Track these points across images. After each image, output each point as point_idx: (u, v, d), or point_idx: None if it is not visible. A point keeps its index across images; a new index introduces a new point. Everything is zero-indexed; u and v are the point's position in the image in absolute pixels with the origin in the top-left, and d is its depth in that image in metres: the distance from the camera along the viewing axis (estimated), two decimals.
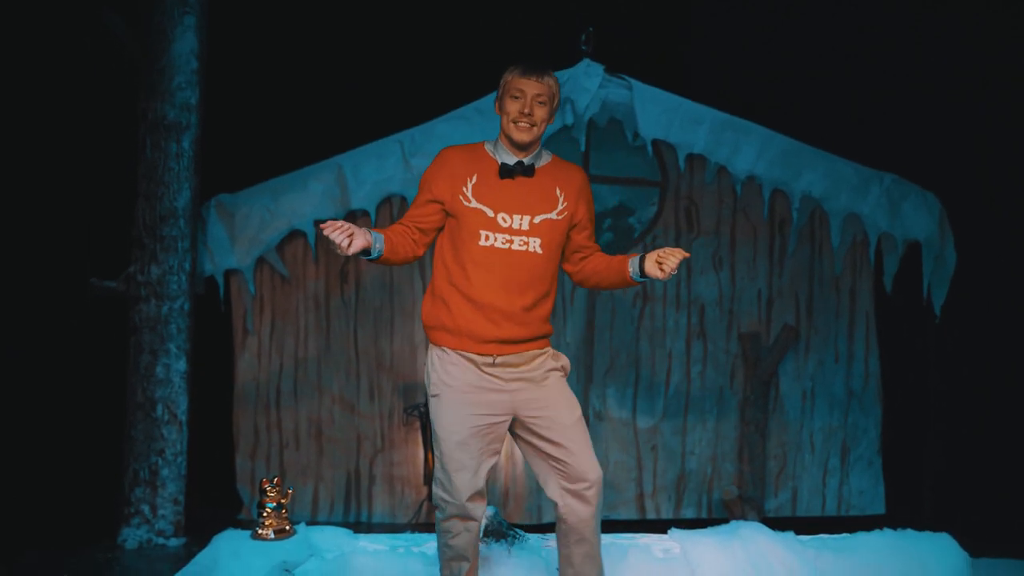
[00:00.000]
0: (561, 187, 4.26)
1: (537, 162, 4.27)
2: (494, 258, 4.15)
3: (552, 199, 4.23)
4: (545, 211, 4.20)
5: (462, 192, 4.18)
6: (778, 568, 4.74)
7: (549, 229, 4.21)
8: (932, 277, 7.46)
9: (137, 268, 6.56)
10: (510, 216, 4.16)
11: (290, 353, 7.34)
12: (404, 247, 4.22)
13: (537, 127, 4.17)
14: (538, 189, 4.22)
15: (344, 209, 7.13)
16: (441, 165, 4.25)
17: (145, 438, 6.54)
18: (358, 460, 7.37)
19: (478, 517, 4.17)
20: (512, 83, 4.18)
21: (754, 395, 7.47)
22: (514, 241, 4.16)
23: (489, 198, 4.18)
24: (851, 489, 7.67)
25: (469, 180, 4.19)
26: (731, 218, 7.57)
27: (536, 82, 4.16)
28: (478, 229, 4.16)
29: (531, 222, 4.18)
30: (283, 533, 4.90)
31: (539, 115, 4.16)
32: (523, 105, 4.14)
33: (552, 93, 4.20)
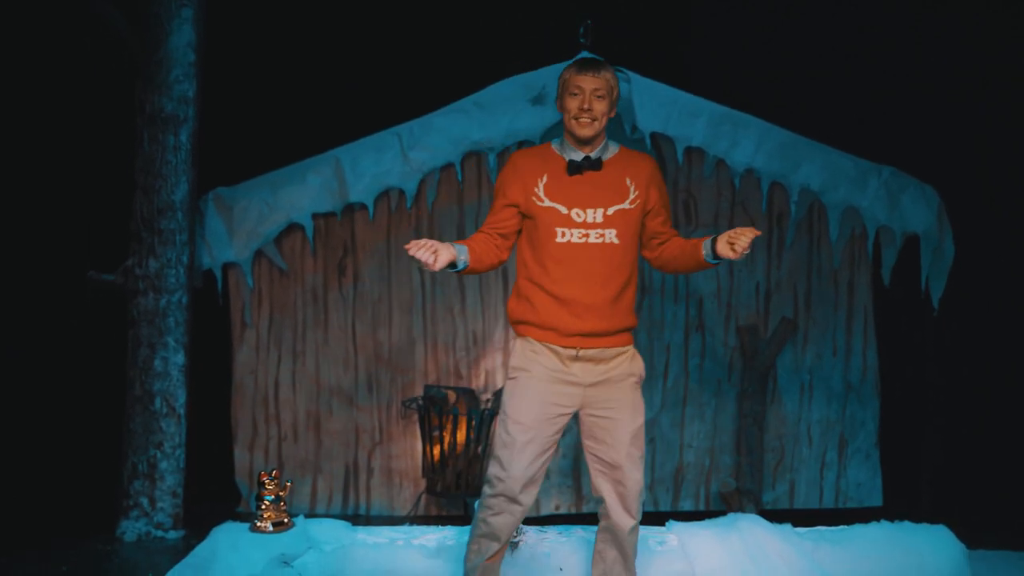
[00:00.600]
0: (631, 176, 4.31)
1: (604, 155, 4.32)
2: (573, 253, 4.22)
3: (623, 189, 4.28)
4: (617, 202, 4.26)
5: (535, 193, 4.25)
6: (776, 560, 4.75)
7: (623, 219, 4.26)
8: (930, 270, 7.46)
9: (135, 261, 6.56)
10: (584, 211, 4.23)
11: (288, 346, 7.35)
12: (488, 254, 4.28)
13: (598, 121, 4.22)
14: (608, 181, 4.28)
15: (342, 202, 7.13)
16: (512, 170, 4.32)
17: (144, 431, 6.55)
18: (356, 453, 7.38)
19: (526, 504, 4.22)
20: (570, 80, 4.24)
21: (752, 388, 7.48)
22: (590, 235, 4.22)
23: (561, 195, 4.24)
24: (848, 481, 7.68)
25: (540, 180, 4.26)
26: (729, 211, 7.57)
27: (593, 77, 4.21)
28: (554, 227, 4.23)
29: (605, 214, 4.24)
30: (281, 526, 4.91)
31: (599, 109, 4.21)
32: (582, 101, 4.19)
33: (610, 86, 4.25)
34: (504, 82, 7.19)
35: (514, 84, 7.18)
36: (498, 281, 7.42)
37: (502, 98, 7.16)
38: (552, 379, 4.23)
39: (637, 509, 4.24)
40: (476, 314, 7.42)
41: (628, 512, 4.22)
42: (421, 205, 7.35)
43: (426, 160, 7.17)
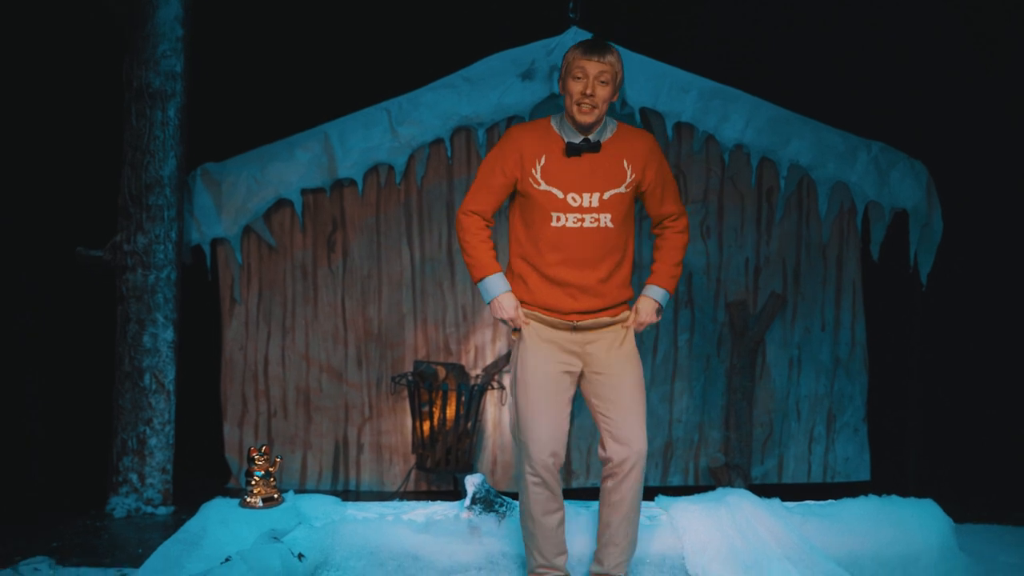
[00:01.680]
0: (628, 158, 4.32)
1: (603, 136, 4.32)
2: (567, 238, 4.28)
3: (620, 172, 4.30)
4: (614, 185, 4.29)
5: (531, 175, 4.26)
6: (764, 534, 4.77)
7: (619, 202, 4.30)
8: (919, 245, 7.48)
9: (123, 237, 6.54)
10: (580, 195, 4.26)
11: (277, 322, 7.34)
12: (491, 246, 4.40)
13: (599, 108, 4.22)
14: (605, 164, 4.29)
15: (331, 178, 7.11)
16: (513, 145, 4.31)
17: (133, 407, 6.54)
18: (346, 429, 7.39)
19: (557, 465, 4.32)
20: (573, 63, 4.23)
21: (741, 363, 7.49)
22: (585, 219, 4.27)
23: (558, 179, 4.26)
24: (837, 456, 7.71)
25: (538, 161, 4.26)
26: (719, 186, 7.57)
27: (597, 62, 4.19)
28: (550, 211, 4.27)
29: (601, 199, 4.27)
30: (271, 501, 4.92)
31: (601, 95, 4.20)
32: (585, 85, 4.18)
33: (615, 71, 4.24)
34: (493, 57, 7.16)
35: (503, 59, 7.15)
36: None
37: (491, 73, 7.14)
38: (551, 342, 4.34)
39: (635, 464, 4.31)
40: (466, 290, 7.42)
41: (627, 470, 4.31)
42: (410, 181, 7.33)
43: (415, 135, 7.15)
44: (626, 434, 4.31)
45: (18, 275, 6.84)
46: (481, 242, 4.35)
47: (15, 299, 6.82)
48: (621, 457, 4.30)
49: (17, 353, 6.81)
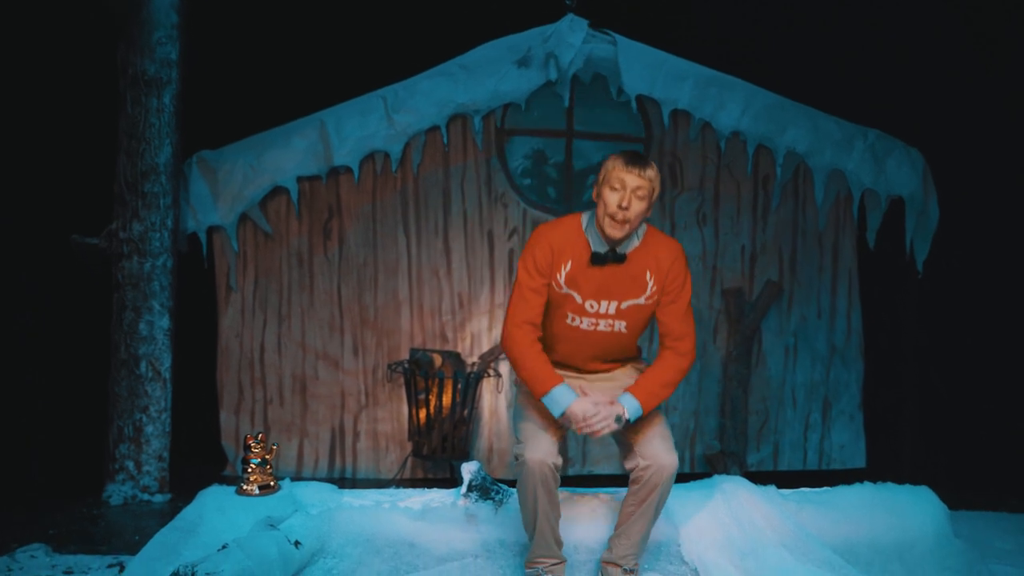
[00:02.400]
0: (652, 270, 4.36)
1: (630, 245, 4.35)
2: (579, 335, 4.41)
3: (641, 284, 4.35)
4: (633, 296, 4.35)
5: (555, 279, 4.32)
6: (760, 522, 4.78)
7: (636, 312, 4.39)
8: (915, 233, 7.49)
9: (119, 225, 6.53)
10: (598, 303, 4.34)
11: (274, 310, 7.34)
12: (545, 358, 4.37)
13: (631, 223, 4.23)
14: (628, 274, 4.33)
15: (327, 165, 7.10)
16: (547, 249, 4.33)
17: (129, 395, 6.54)
18: (342, 416, 7.39)
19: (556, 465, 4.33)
20: (613, 173, 4.24)
21: (737, 351, 7.50)
22: (599, 324, 4.38)
23: (579, 285, 4.32)
24: (832, 443, 7.73)
25: (564, 266, 4.31)
26: (715, 174, 7.57)
27: (638, 176, 4.21)
28: (566, 311, 4.37)
29: (618, 307, 4.35)
30: (268, 489, 4.92)
31: (636, 209, 4.22)
32: (622, 198, 4.20)
33: (653, 187, 4.26)
34: (489, 44, 7.15)
35: (499, 46, 7.14)
36: (483, 244, 7.41)
37: (487, 60, 7.13)
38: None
39: (657, 475, 4.32)
40: (462, 277, 7.42)
41: (651, 478, 4.33)
42: (406, 168, 7.32)
43: (411, 123, 7.15)
44: (651, 452, 4.35)
45: (13, 263, 6.82)
46: (536, 355, 4.33)
47: (10, 287, 6.81)
48: (647, 470, 4.33)
49: (12, 341, 6.80)
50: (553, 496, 4.32)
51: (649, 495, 4.35)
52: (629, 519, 4.45)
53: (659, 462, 4.30)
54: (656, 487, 4.33)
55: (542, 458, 4.23)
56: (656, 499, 4.37)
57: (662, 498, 4.39)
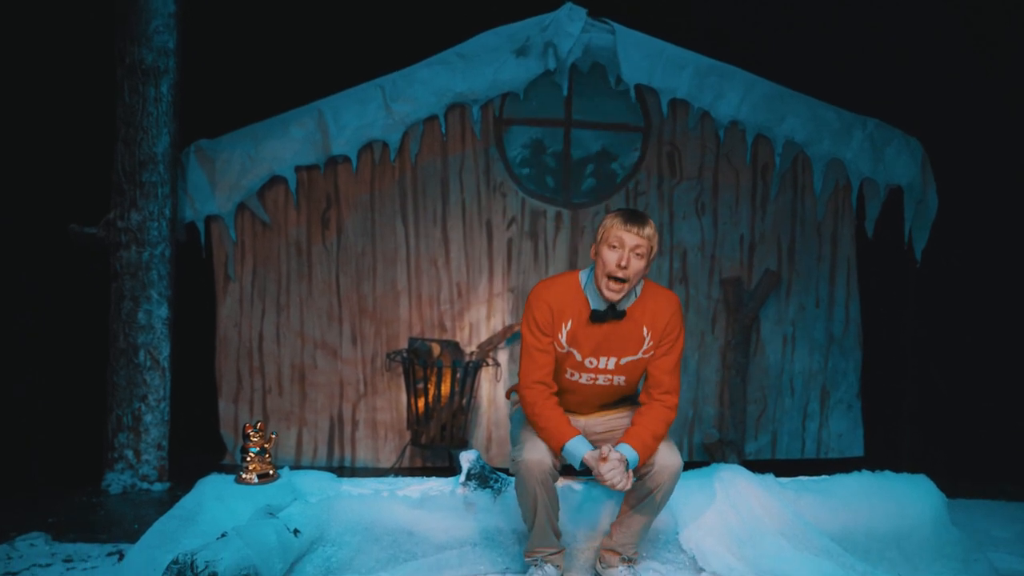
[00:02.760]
0: (649, 325, 4.41)
1: (627, 302, 4.39)
2: (579, 388, 4.49)
3: (639, 340, 4.41)
4: (631, 352, 4.42)
5: (557, 338, 4.38)
6: (757, 509, 4.79)
7: (634, 367, 4.47)
8: (914, 222, 7.49)
9: (117, 214, 6.53)
10: (597, 359, 4.42)
11: (272, 299, 7.34)
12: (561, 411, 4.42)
13: (629, 282, 4.28)
14: (627, 331, 4.40)
15: (325, 155, 7.10)
16: (541, 303, 4.38)
17: (128, 384, 6.55)
18: (341, 405, 7.40)
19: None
20: (611, 231, 4.29)
21: (735, 340, 7.51)
22: (599, 379, 4.46)
23: (580, 343, 4.38)
24: (830, 432, 7.74)
25: (564, 325, 4.37)
26: (714, 163, 7.57)
27: (636, 235, 4.26)
28: (566, 367, 4.44)
29: (617, 363, 4.43)
30: (267, 477, 4.92)
31: (634, 268, 4.27)
32: (620, 257, 4.25)
33: (651, 246, 4.31)
34: (487, 33, 7.14)
35: (498, 35, 7.13)
36: (482, 234, 7.41)
37: (486, 49, 7.12)
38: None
39: (657, 477, 4.36)
40: (460, 267, 7.42)
41: (651, 481, 4.37)
42: (404, 158, 7.32)
43: (409, 112, 7.14)
44: (656, 457, 4.37)
45: (11, 254, 6.81)
46: (551, 410, 4.36)
47: (8, 278, 6.80)
48: (651, 469, 4.36)
49: (11, 331, 6.80)
50: (552, 492, 4.34)
51: (652, 491, 4.37)
52: (631, 511, 4.47)
53: (663, 462, 4.33)
54: (659, 485, 4.35)
55: (540, 458, 4.25)
56: (659, 496, 4.39)
57: (665, 496, 4.41)
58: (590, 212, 7.47)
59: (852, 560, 4.69)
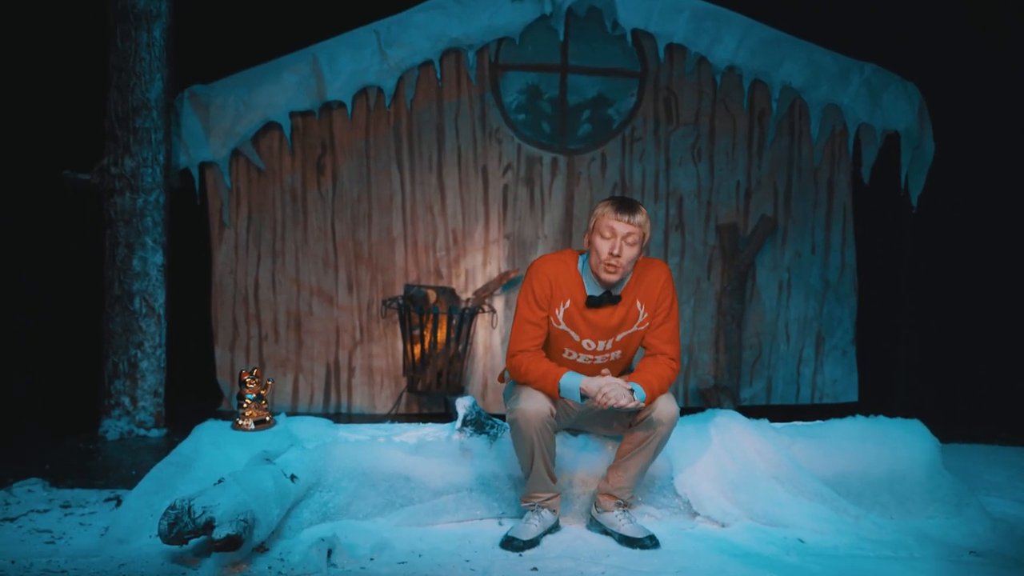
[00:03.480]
0: (642, 298, 4.44)
1: (621, 285, 4.42)
2: (577, 367, 4.45)
3: (634, 316, 4.45)
4: (627, 328, 4.45)
5: (554, 314, 4.39)
6: (752, 454, 4.81)
7: (629, 340, 4.50)
8: (910, 168, 7.47)
9: (111, 161, 6.50)
10: (595, 342, 4.44)
11: (267, 246, 7.32)
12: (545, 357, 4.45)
13: (624, 268, 4.30)
14: (622, 311, 4.42)
15: (320, 100, 7.06)
16: (541, 276, 4.40)
17: (123, 331, 6.55)
18: (337, 352, 7.41)
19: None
20: (603, 221, 4.31)
21: (731, 286, 7.51)
22: (596, 359, 4.47)
23: (576, 324, 4.41)
24: (825, 378, 7.77)
25: (562, 304, 4.39)
26: (710, 109, 7.52)
27: (627, 223, 4.28)
28: (563, 347, 4.48)
29: (614, 341, 4.45)
30: (263, 424, 4.93)
31: (627, 255, 4.30)
32: (613, 246, 4.28)
33: (643, 232, 4.33)
34: None
35: None
36: (478, 180, 7.39)
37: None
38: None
39: (653, 422, 4.38)
40: (456, 213, 7.40)
41: (646, 426, 4.40)
42: (400, 103, 7.28)
43: (404, 57, 7.09)
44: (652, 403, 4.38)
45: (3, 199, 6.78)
46: (540, 361, 4.36)
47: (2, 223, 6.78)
48: (648, 415, 4.37)
49: (5, 279, 6.79)
50: (550, 439, 4.37)
51: (648, 436, 4.39)
52: (627, 455, 4.49)
53: (661, 409, 4.35)
54: (656, 431, 4.37)
55: (538, 407, 4.27)
56: (655, 442, 4.41)
57: (662, 442, 4.43)
58: (586, 158, 7.44)
59: (846, 504, 4.72)
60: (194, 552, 4.12)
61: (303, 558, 4.05)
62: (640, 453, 4.44)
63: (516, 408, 4.30)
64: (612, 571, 4.12)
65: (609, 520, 4.55)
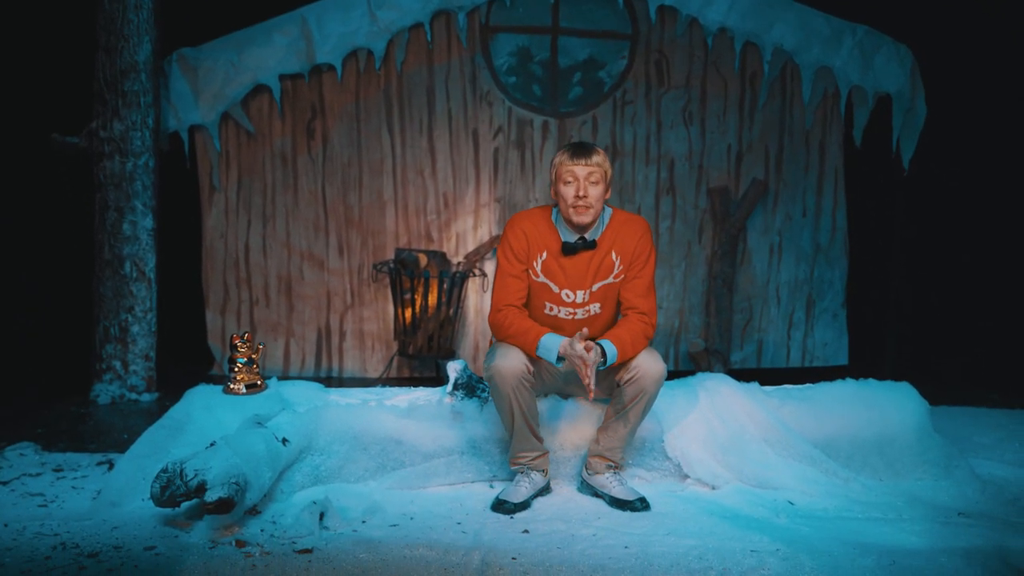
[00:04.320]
0: (618, 250, 4.47)
1: (597, 232, 4.46)
2: (559, 324, 4.48)
3: (609, 265, 4.47)
4: (603, 278, 4.48)
5: (532, 267, 4.44)
6: (742, 417, 4.83)
7: (606, 292, 4.51)
8: (902, 130, 7.47)
9: (99, 124, 6.47)
10: (573, 292, 4.47)
11: (258, 210, 7.31)
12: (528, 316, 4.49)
13: (594, 207, 4.35)
14: (597, 259, 4.46)
15: (310, 63, 7.03)
16: (516, 230, 4.48)
17: (114, 295, 6.55)
18: (328, 316, 7.41)
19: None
20: (562, 168, 4.38)
21: (722, 249, 7.51)
22: (576, 312, 4.49)
23: (554, 273, 4.45)
24: (815, 341, 7.79)
25: (539, 255, 4.45)
26: (702, 71, 7.49)
27: (584, 165, 4.34)
28: (544, 300, 4.52)
29: (591, 292, 4.47)
30: (255, 388, 4.94)
31: (593, 194, 4.35)
32: (577, 188, 4.34)
33: (604, 170, 4.38)
34: None
35: None
36: (468, 143, 7.37)
37: None
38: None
39: (637, 381, 4.38)
40: (447, 177, 7.38)
41: (631, 384, 4.40)
42: (390, 66, 7.24)
43: (394, 19, 7.06)
44: (637, 362, 4.39)
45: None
46: (522, 320, 4.39)
47: None
48: (634, 373, 4.38)
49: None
50: (528, 396, 4.38)
51: (636, 396, 4.40)
52: (615, 416, 4.50)
53: (646, 367, 4.37)
54: (643, 390, 4.38)
55: (513, 363, 4.28)
56: (643, 402, 4.42)
57: (649, 402, 4.44)
58: (577, 121, 7.42)
59: (835, 466, 4.74)
60: (186, 515, 4.14)
61: (295, 521, 4.07)
62: (629, 413, 4.46)
63: (491, 365, 4.32)
64: (603, 533, 4.14)
65: (600, 482, 4.58)
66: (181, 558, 3.76)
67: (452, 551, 3.90)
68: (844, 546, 3.97)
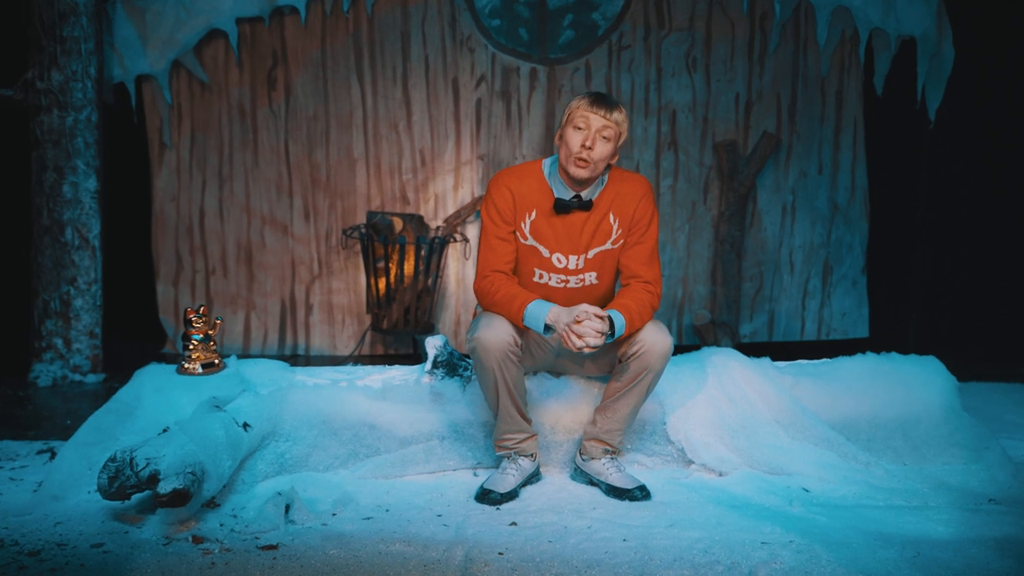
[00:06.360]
0: (616, 212, 4.44)
1: (594, 192, 4.42)
2: (550, 292, 4.47)
3: (607, 229, 4.44)
4: (599, 243, 4.45)
5: (520, 228, 4.41)
6: (752, 396, 4.84)
7: (604, 259, 4.48)
8: (927, 77, 7.46)
9: (36, 74, 6.43)
10: (565, 257, 4.44)
11: (213, 170, 7.28)
12: (516, 282, 4.47)
13: (596, 165, 4.30)
14: (594, 221, 4.42)
15: (270, 5, 7.00)
16: (502, 189, 4.44)
17: (54, 265, 6.53)
18: (293, 287, 7.41)
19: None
20: (576, 112, 4.32)
21: (730, 211, 7.52)
22: (569, 280, 4.48)
23: (544, 235, 4.42)
24: (833, 311, 7.81)
25: (528, 215, 4.41)
26: (706, 12, 7.48)
27: (603, 116, 4.29)
28: (533, 267, 4.49)
29: (586, 258, 4.45)
30: (212, 367, 4.94)
31: (600, 151, 4.30)
32: (585, 137, 4.28)
33: (619, 131, 4.34)
34: None
35: None
36: (448, 94, 7.35)
37: None
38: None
39: (641, 355, 4.36)
40: (423, 132, 7.37)
41: (636, 359, 4.38)
42: (359, 8, 7.21)
43: None
44: (642, 335, 4.38)
45: None
46: (509, 285, 4.36)
47: None
48: (638, 348, 4.37)
49: None
50: (516, 372, 4.37)
51: (639, 373, 4.39)
52: (616, 394, 4.49)
53: (651, 341, 4.35)
54: (648, 366, 4.37)
55: (498, 335, 4.27)
56: (647, 380, 4.42)
57: (654, 379, 4.44)
58: (568, 69, 7.40)
59: (854, 450, 4.76)
60: (138, 509, 4.14)
61: (258, 514, 4.07)
62: (631, 392, 4.46)
63: (474, 336, 4.30)
64: (599, 525, 4.16)
65: (596, 469, 4.59)
66: (132, 556, 3.76)
67: (432, 546, 3.90)
68: (864, 537, 3.99)
